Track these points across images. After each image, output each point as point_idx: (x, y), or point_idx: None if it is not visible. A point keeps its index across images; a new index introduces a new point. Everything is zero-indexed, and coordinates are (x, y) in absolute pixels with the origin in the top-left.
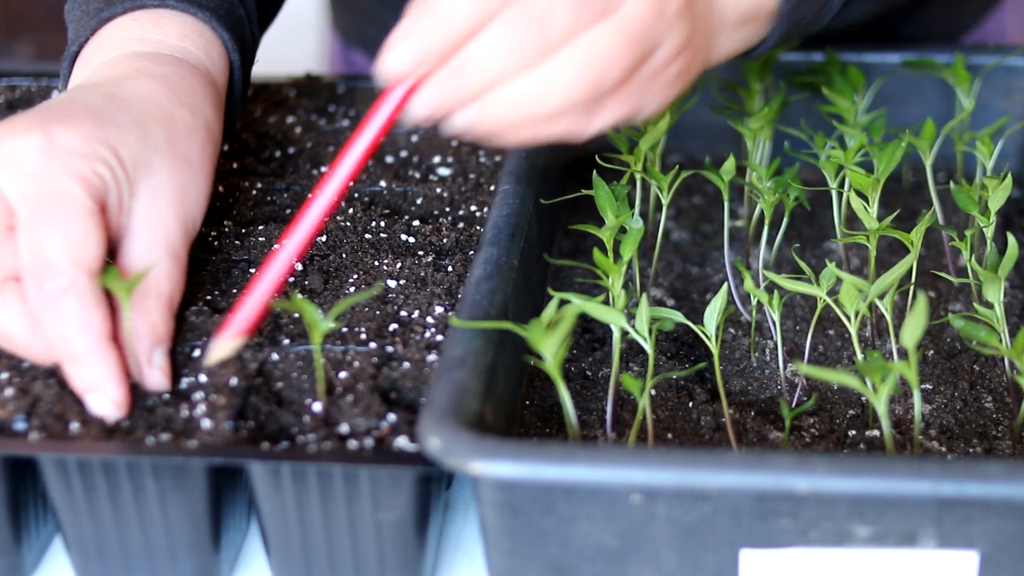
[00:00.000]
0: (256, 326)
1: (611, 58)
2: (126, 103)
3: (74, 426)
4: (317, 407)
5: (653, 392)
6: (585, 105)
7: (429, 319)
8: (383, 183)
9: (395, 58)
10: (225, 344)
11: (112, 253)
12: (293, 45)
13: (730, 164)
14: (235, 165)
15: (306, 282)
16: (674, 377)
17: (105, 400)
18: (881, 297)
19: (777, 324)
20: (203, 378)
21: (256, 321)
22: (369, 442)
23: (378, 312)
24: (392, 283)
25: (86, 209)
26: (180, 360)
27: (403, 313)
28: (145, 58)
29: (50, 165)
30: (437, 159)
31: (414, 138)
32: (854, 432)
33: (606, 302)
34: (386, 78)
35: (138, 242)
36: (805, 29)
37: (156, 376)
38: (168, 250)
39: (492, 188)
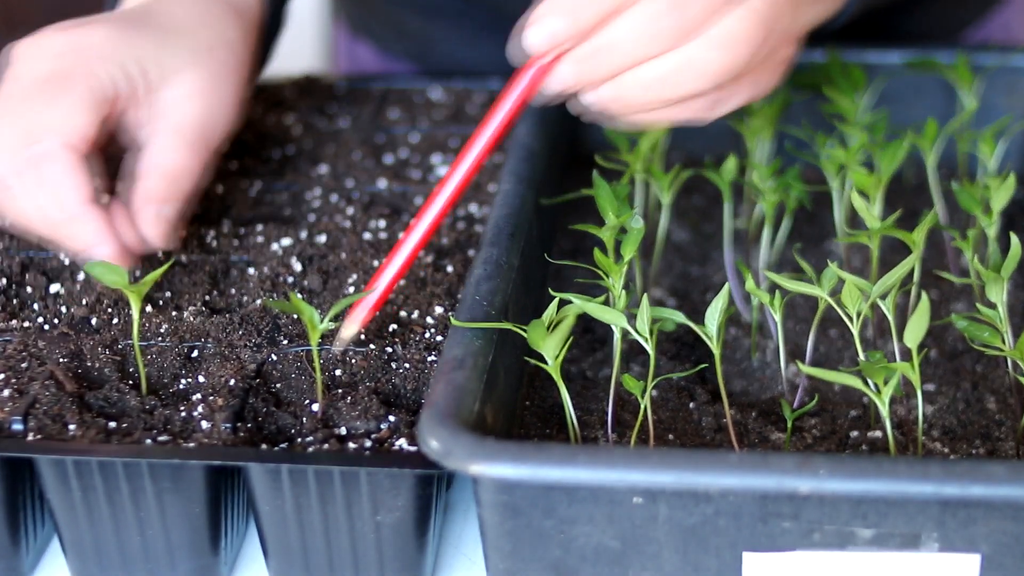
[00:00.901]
0: (375, 311)
1: (745, 41)
2: (152, 18)
3: (72, 427)
4: (316, 408)
5: (654, 393)
6: (718, 88)
7: (429, 319)
8: (383, 183)
9: (537, 34)
10: (351, 329)
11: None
12: (294, 42)
13: (731, 164)
14: (234, 165)
15: (305, 282)
16: (675, 378)
17: (105, 256)
18: (883, 297)
19: (779, 324)
20: (201, 379)
21: (378, 307)
22: (368, 443)
23: (378, 312)
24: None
25: (83, 95)
26: (179, 361)
27: (403, 313)
28: None
29: (65, 55)
30: (437, 159)
31: (414, 138)
32: (856, 433)
33: (607, 302)
34: (526, 53)
35: (152, 127)
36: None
37: (152, 229)
38: (179, 134)
39: (492, 188)
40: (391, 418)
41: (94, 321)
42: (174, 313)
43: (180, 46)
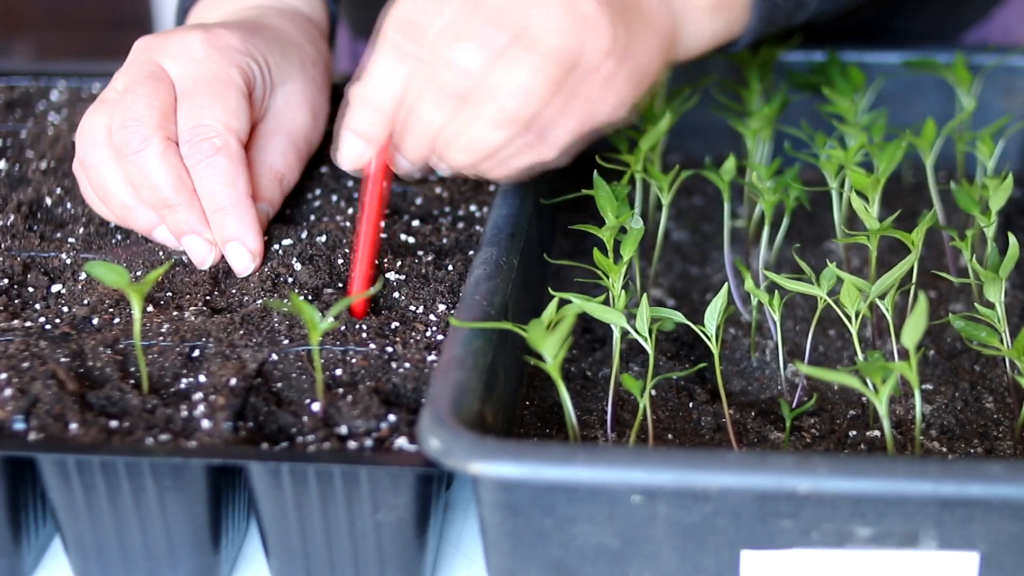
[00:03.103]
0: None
1: (530, 82)
2: (266, 28)
3: (73, 426)
4: (316, 407)
5: (653, 392)
6: (526, 132)
7: (431, 317)
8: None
9: (349, 153)
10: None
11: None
12: None
13: (730, 164)
14: None
15: (305, 282)
16: (674, 377)
17: (243, 251)
18: (882, 297)
19: (778, 324)
20: (202, 378)
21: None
22: (369, 442)
23: (378, 313)
24: (392, 283)
25: (240, 90)
26: (180, 360)
27: (403, 313)
28: (268, 7)
29: (211, 54)
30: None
31: None
32: (855, 432)
33: (606, 302)
34: (349, 169)
35: (266, 127)
36: (789, 17)
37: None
38: (290, 138)
39: (492, 188)
40: (391, 417)
41: (95, 321)
42: (175, 313)
43: (293, 57)
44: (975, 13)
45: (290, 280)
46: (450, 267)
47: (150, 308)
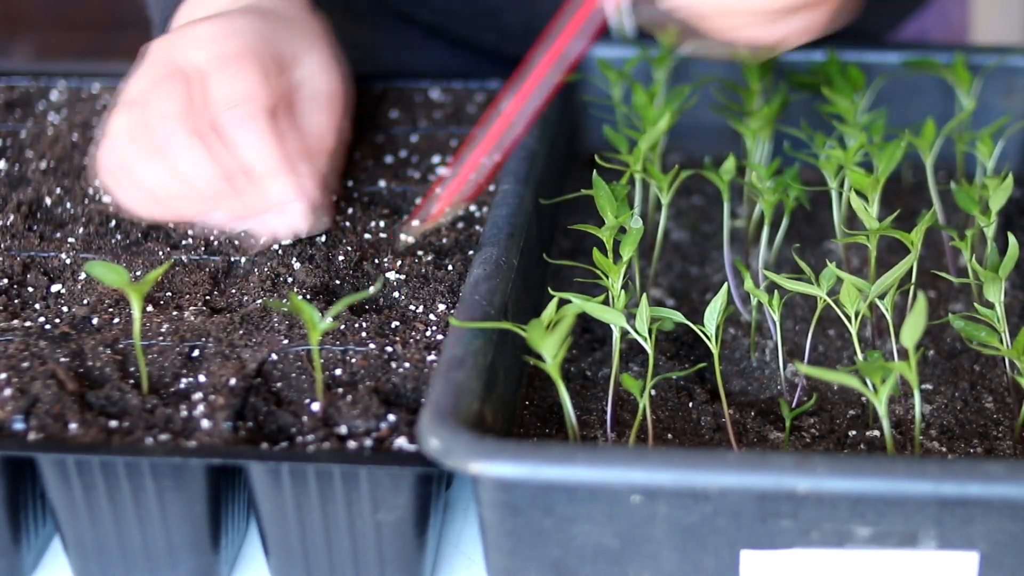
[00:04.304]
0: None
1: None
2: (269, 11)
3: (73, 426)
4: (316, 407)
5: (653, 392)
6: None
7: (431, 317)
8: (383, 183)
9: None
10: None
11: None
12: None
13: (730, 164)
14: None
15: (305, 282)
16: (674, 377)
17: (295, 212)
18: (881, 297)
19: (777, 324)
20: (202, 378)
21: (459, 187)
22: (368, 442)
23: (378, 312)
24: (392, 283)
25: (262, 61)
26: (180, 360)
27: (403, 313)
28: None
29: (227, 35)
30: (437, 159)
31: (413, 138)
32: (854, 432)
33: (606, 302)
34: None
35: (300, 96)
36: None
37: (309, 181)
38: (315, 100)
39: (492, 188)
40: (391, 417)
41: (95, 321)
42: (175, 313)
43: (298, 33)
44: (909, 4)
45: (290, 280)
46: (450, 267)
47: (150, 308)
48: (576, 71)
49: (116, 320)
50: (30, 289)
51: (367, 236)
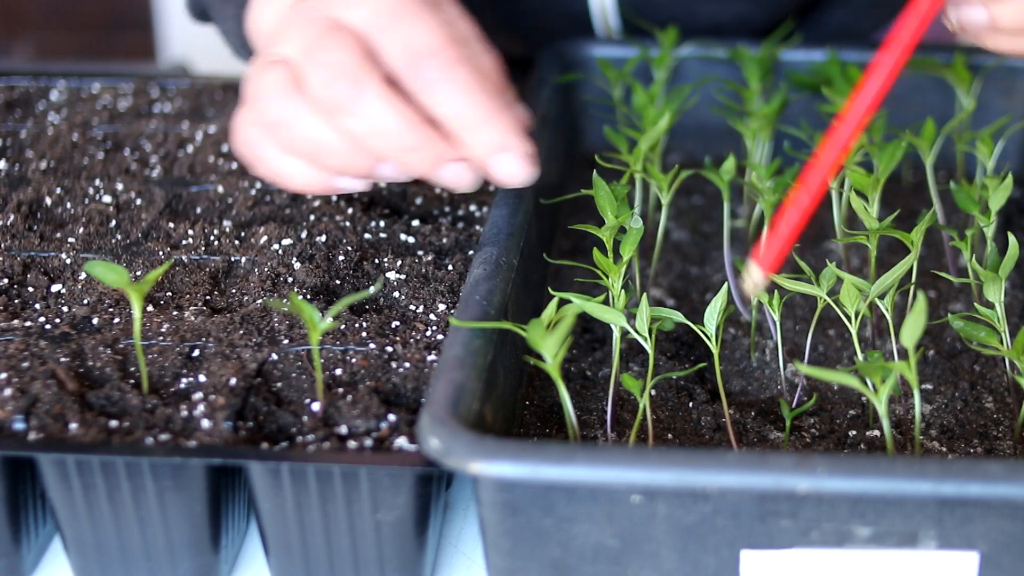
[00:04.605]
0: (781, 260)
1: None
2: None
3: (73, 426)
4: (316, 407)
5: (653, 392)
6: None
7: (431, 317)
8: (383, 183)
9: None
10: (757, 276)
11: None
12: None
13: (730, 164)
14: (234, 165)
15: (305, 282)
16: (674, 377)
17: (514, 159)
18: (881, 297)
19: (777, 324)
20: (202, 378)
21: (783, 255)
22: (368, 442)
23: (378, 312)
24: (392, 283)
25: (434, 10)
26: (180, 360)
27: (403, 313)
28: None
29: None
30: None
31: None
32: (854, 432)
33: (606, 302)
34: None
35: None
36: None
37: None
38: (483, 45)
39: (492, 188)
40: (391, 417)
41: (95, 321)
42: (175, 313)
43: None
44: (874, 21)
45: (290, 280)
46: (450, 267)
47: (150, 308)
48: (576, 71)
49: (116, 320)
50: (30, 289)
51: (367, 236)
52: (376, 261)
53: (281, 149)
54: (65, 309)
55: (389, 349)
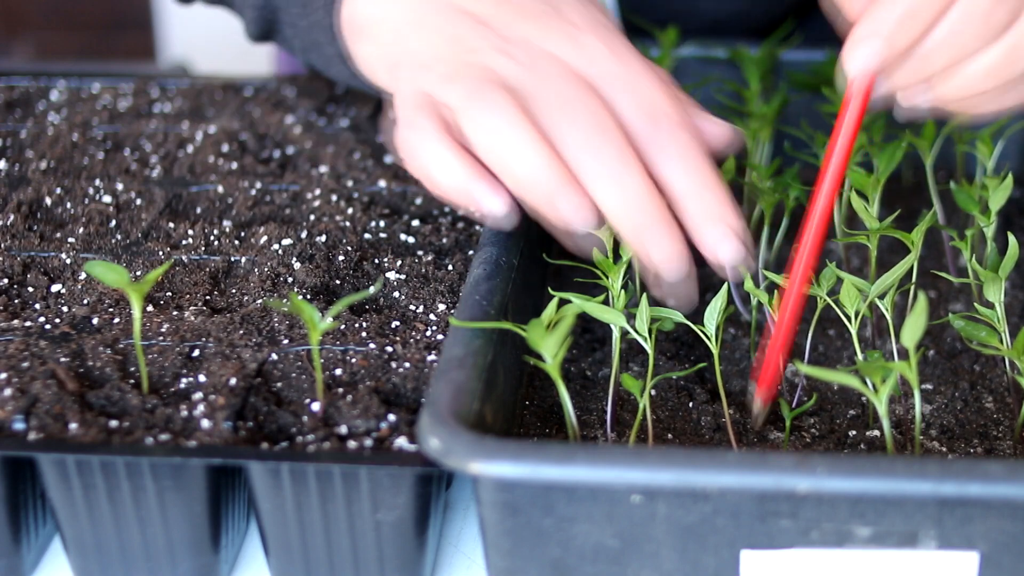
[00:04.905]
0: (775, 383)
1: None
2: None
3: (73, 426)
4: (316, 407)
5: (653, 392)
6: None
7: (431, 317)
8: (383, 183)
9: (854, 61)
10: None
11: None
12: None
13: (730, 164)
14: (234, 165)
15: (305, 282)
16: (674, 377)
17: (731, 235)
18: (881, 297)
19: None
20: (202, 378)
21: (775, 379)
22: (368, 442)
23: (378, 312)
24: (392, 283)
25: (637, 55)
26: (180, 360)
27: (403, 313)
28: None
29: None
30: None
31: None
32: (854, 432)
33: (606, 302)
34: (853, 75)
35: None
36: None
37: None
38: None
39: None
40: (391, 417)
41: (95, 321)
42: (175, 313)
43: None
44: None
45: (290, 280)
46: (450, 267)
47: (150, 308)
48: None
49: (116, 320)
50: (30, 289)
51: (367, 236)
52: (376, 261)
53: (505, 175)
54: (65, 309)
55: (389, 349)
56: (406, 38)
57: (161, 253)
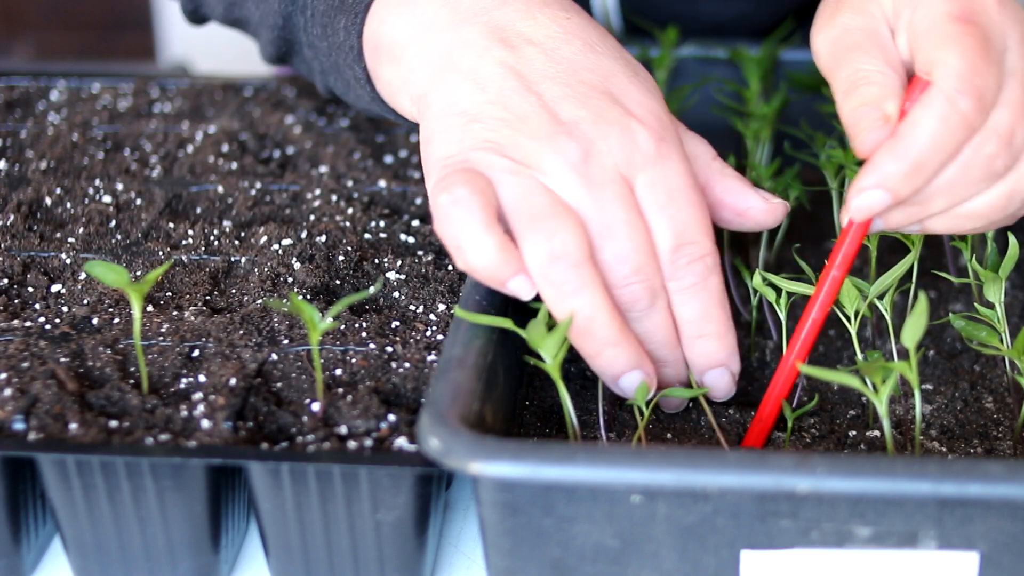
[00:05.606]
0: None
1: None
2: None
3: (73, 426)
4: (316, 407)
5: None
6: None
7: (431, 317)
8: (383, 183)
9: (865, 208)
10: None
11: None
12: None
13: (730, 164)
14: (234, 165)
15: (305, 282)
16: None
17: (728, 375)
18: (881, 297)
19: (783, 324)
20: (202, 378)
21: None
22: (368, 442)
23: (378, 312)
24: (392, 283)
25: (682, 157)
26: (180, 360)
27: (403, 313)
28: None
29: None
30: None
31: (414, 138)
32: (855, 432)
33: None
34: (855, 220)
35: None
36: None
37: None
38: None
39: None
40: (391, 417)
41: (95, 321)
42: (175, 313)
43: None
44: None
45: (290, 280)
46: (450, 267)
47: (150, 308)
48: None
49: (116, 320)
50: (30, 289)
51: (367, 236)
52: (376, 261)
53: (566, 296)
54: (65, 309)
55: (389, 349)
56: (439, 71)
57: (161, 253)
